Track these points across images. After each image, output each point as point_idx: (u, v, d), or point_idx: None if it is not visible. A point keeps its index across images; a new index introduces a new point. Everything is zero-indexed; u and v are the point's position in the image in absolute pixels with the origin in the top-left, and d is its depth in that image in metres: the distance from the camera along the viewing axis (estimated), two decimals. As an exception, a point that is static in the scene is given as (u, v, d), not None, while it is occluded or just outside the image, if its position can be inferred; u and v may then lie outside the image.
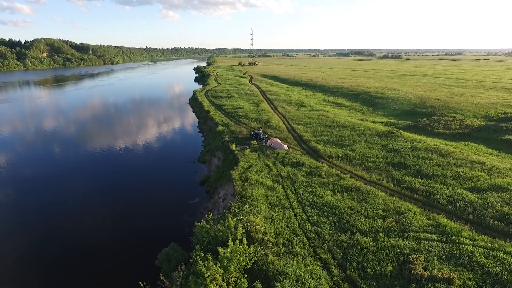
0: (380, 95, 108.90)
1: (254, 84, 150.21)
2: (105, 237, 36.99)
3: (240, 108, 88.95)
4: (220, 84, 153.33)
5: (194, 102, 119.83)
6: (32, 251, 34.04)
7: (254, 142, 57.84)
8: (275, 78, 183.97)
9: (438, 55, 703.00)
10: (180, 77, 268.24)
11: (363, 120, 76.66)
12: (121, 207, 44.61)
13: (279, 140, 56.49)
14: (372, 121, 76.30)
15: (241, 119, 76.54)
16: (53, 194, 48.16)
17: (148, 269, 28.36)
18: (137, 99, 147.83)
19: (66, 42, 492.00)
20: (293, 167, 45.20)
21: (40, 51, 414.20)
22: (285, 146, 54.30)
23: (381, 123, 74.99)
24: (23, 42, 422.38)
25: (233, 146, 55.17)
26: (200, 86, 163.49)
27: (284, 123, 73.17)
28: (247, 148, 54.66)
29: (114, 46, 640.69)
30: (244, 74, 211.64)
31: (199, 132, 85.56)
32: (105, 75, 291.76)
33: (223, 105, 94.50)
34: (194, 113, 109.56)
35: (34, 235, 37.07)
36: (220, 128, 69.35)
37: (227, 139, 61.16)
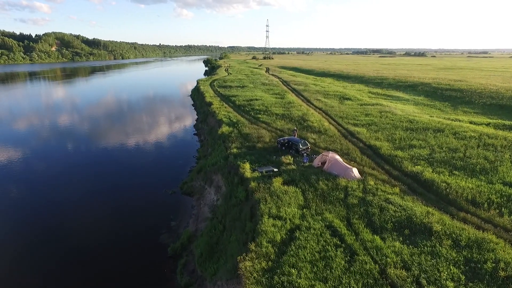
0: (447, 87, 79.44)
1: (273, 75, 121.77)
2: None
3: (256, 99, 60.82)
4: (230, 74, 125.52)
5: (196, 94, 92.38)
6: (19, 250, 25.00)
7: (288, 158, 29.69)
8: (296, 69, 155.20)
9: (462, 53, 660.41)
10: (188, 71, 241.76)
11: (453, 120, 47.52)
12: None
13: (339, 158, 28.09)
14: (470, 122, 47.11)
15: (259, 115, 48.37)
16: None
17: None
18: (128, 93, 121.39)
19: (77, 36, 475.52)
20: (406, 242, 16.81)
21: (49, 45, 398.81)
22: (355, 172, 25.86)
23: (486, 124, 45.62)
24: (33, 36, 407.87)
25: (246, 169, 27.21)
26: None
27: (330, 122, 44.71)
28: (275, 172, 26.67)
29: (126, 42, 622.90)
30: (259, 66, 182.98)
31: (195, 134, 57.87)
32: (109, 68, 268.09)
33: (232, 96, 66.50)
34: (194, 108, 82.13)
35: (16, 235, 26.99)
36: (224, 129, 41.37)
37: (234, 150, 33.14)
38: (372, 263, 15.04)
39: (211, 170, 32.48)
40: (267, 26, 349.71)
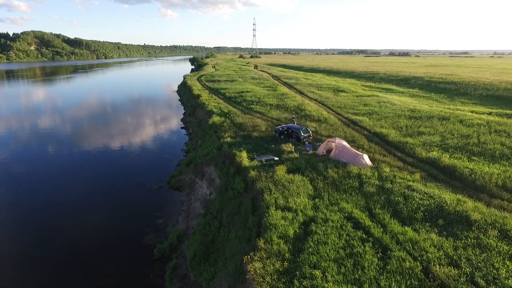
0: (440, 80, 78.42)
1: (262, 71, 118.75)
2: None
3: (247, 91, 57.68)
4: (218, 70, 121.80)
5: (182, 89, 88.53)
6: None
7: (289, 147, 26.69)
8: (285, 66, 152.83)
9: (444, 54, 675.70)
10: (174, 69, 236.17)
11: (454, 110, 45.64)
12: None
13: (347, 144, 25.28)
14: (472, 111, 45.30)
15: (252, 106, 45.29)
16: None
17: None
18: (111, 90, 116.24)
19: (58, 35, 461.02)
20: (443, 234, 14.04)
21: (28, 44, 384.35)
22: (366, 158, 23.07)
23: (488, 113, 43.90)
24: (11, 35, 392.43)
25: (244, 157, 24.04)
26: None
27: (328, 112, 42.02)
28: (275, 161, 23.61)
29: (110, 42, 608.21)
30: (247, 63, 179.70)
31: (182, 127, 54.25)
32: (92, 67, 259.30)
33: (221, 89, 63.11)
34: (181, 103, 78.31)
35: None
36: (215, 119, 38.02)
37: (228, 139, 29.90)
38: (412, 260, 12.11)
39: (203, 162, 29.12)
40: (254, 24, 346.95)
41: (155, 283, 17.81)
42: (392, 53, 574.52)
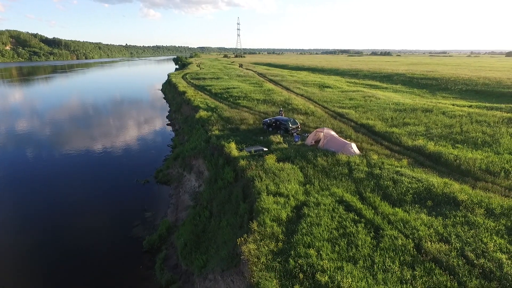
0: (422, 76, 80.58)
1: (247, 69, 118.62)
2: None
3: (234, 88, 57.42)
4: (203, 69, 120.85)
5: (167, 87, 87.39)
6: None
7: (277, 138, 26.66)
8: (269, 65, 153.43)
9: (424, 53, 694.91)
10: (158, 70, 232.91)
11: (436, 103, 46.84)
12: None
13: (335, 134, 25.48)
14: (453, 104, 46.59)
15: (239, 101, 45.08)
16: None
17: None
18: (94, 90, 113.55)
19: (35, 35, 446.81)
20: (433, 214, 14.35)
21: (3, 44, 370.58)
22: (354, 147, 23.32)
23: (468, 106, 45.26)
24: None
25: (233, 148, 23.88)
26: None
27: (315, 106, 42.29)
28: (265, 151, 23.55)
29: (90, 42, 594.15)
30: (232, 63, 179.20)
31: (168, 124, 53.48)
32: (71, 68, 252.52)
33: (207, 86, 62.60)
34: (166, 101, 77.25)
35: None
36: (202, 114, 37.63)
37: (216, 132, 29.62)
38: (404, 238, 12.27)
39: (191, 155, 28.71)
40: (238, 24, 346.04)
41: (145, 275, 17.41)
42: (374, 53, 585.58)
